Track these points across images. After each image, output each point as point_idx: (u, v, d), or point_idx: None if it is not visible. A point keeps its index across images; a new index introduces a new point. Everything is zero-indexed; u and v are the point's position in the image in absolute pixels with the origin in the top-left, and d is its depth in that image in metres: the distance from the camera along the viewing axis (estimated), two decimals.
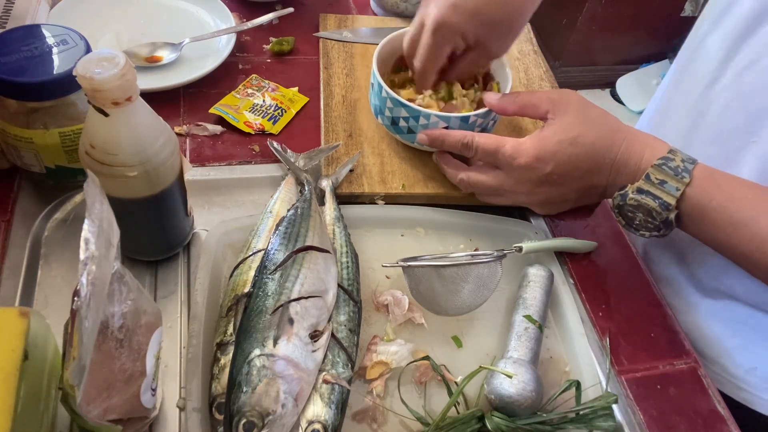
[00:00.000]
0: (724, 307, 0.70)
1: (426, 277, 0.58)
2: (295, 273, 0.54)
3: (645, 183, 0.57)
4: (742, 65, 0.66)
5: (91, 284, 0.36)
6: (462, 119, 0.66)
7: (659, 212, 0.56)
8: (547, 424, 0.53)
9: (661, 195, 0.56)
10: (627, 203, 0.58)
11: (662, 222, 0.57)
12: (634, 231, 0.60)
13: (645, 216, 0.57)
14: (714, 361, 0.71)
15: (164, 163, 0.52)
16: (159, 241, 0.60)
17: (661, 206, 0.56)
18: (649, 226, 0.58)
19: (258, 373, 0.48)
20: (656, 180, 0.56)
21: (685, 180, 0.56)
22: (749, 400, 0.70)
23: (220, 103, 0.76)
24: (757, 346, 0.70)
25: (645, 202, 0.56)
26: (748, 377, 0.70)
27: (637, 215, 0.58)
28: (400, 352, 0.57)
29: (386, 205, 0.69)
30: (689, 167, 0.56)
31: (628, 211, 0.58)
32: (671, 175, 0.56)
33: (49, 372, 0.46)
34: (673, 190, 0.56)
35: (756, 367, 0.70)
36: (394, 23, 0.92)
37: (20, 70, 0.55)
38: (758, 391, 0.70)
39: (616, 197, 0.59)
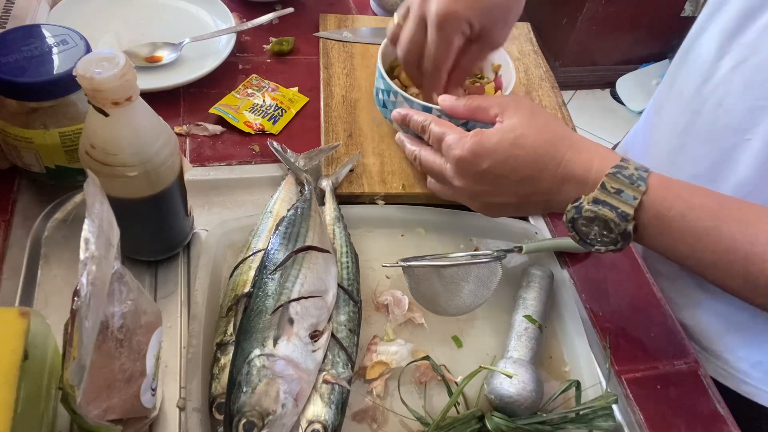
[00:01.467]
0: (726, 304, 0.70)
1: (426, 277, 0.58)
2: (295, 273, 0.54)
3: (601, 193, 0.53)
4: (733, 63, 0.66)
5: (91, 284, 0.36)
6: (462, 124, 0.65)
7: (617, 223, 0.52)
8: (547, 424, 0.53)
9: (619, 205, 0.52)
10: (582, 215, 0.54)
11: (620, 234, 0.53)
12: (588, 246, 0.56)
13: (601, 229, 0.54)
14: (717, 355, 0.71)
15: (164, 163, 0.52)
16: (159, 241, 0.60)
17: (619, 216, 0.52)
18: (605, 240, 0.54)
19: (258, 373, 0.48)
20: (612, 189, 0.52)
21: (641, 188, 0.52)
22: (753, 393, 0.71)
23: (220, 103, 0.76)
24: (762, 341, 0.70)
25: (602, 213, 0.52)
26: (753, 371, 0.70)
27: (592, 229, 0.54)
28: (400, 352, 0.57)
29: (386, 205, 0.69)
30: (644, 175, 0.53)
31: (582, 225, 0.55)
32: (627, 184, 0.52)
33: (49, 372, 0.46)
34: (631, 199, 0.52)
35: (761, 361, 0.70)
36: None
37: (20, 70, 0.55)
38: (763, 385, 0.70)
39: (569, 210, 0.55)
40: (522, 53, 0.90)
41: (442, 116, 0.65)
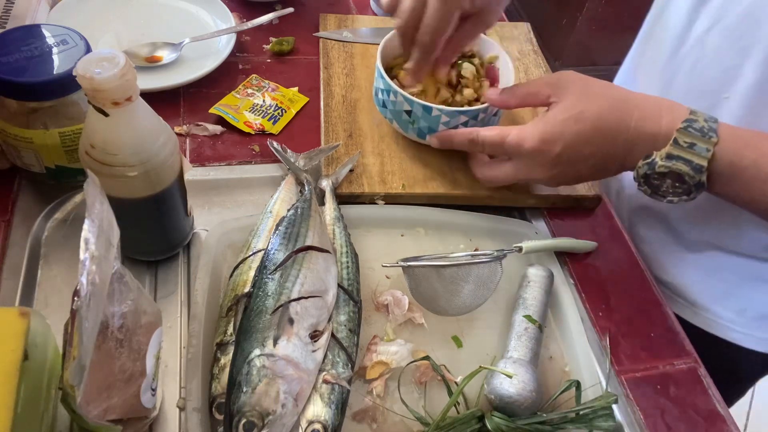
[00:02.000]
0: (709, 258, 0.73)
1: (426, 277, 0.58)
2: (295, 273, 0.54)
3: (674, 148, 0.55)
4: (704, 28, 0.67)
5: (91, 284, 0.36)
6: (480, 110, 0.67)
7: (692, 175, 0.54)
8: (547, 424, 0.53)
9: (693, 158, 0.54)
10: (656, 171, 0.55)
11: (695, 185, 0.55)
12: (660, 198, 0.58)
13: (674, 181, 0.56)
14: (705, 308, 0.75)
15: (164, 163, 0.52)
16: (159, 241, 0.60)
17: (694, 169, 0.54)
18: (678, 191, 0.56)
19: (258, 373, 0.48)
20: (685, 144, 0.54)
21: (714, 140, 0.54)
22: (740, 339, 0.75)
23: (220, 103, 0.76)
24: (744, 289, 0.73)
25: (676, 168, 0.54)
26: (739, 318, 0.74)
27: (665, 182, 0.56)
28: (400, 352, 0.57)
29: (386, 205, 0.69)
30: (714, 126, 0.55)
31: (654, 179, 0.57)
32: (698, 137, 0.54)
33: (49, 372, 0.46)
34: (704, 151, 0.54)
35: (745, 308, 0.73)
36: (394, 23, 0.91)
37: (20, 70, 0.55)
38: (749, 330, 0.74)
39: (641, 166, 0.57)
40: (522, 53, 0.90)
41: (455, 117, 0.66)
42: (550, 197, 0.72)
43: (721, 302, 0.75)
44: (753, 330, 0.74)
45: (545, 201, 0.72)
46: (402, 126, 0.71)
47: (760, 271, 0.72)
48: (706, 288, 0.75)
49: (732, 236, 0.71)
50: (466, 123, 0.67)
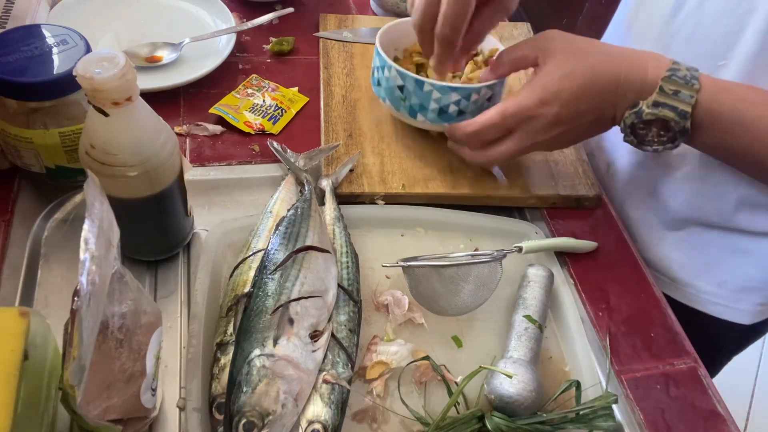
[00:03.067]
0: (690, 233, 0.75)
1: (426, 277, 0.58)
2: (295, 273, 0.54)
3: (660, 95, 0.57)
4: None
5: (91, 284, 0.36)
6: (500, 83, 0.68)
7: (677, 121, 0.57)
8: (547, 424, 0.53)
9: (678, 104, 0.56)
10: (643, 119, 0.57)
11: (679, 131, 0.57)
12: (646, 147, 0.60)
13: (659, 129, 0.58)
14: (687, 283, 0.77)
15: (164, 163, 0.52)
16: (159, 241, 0.60)
17: (679, 115, 0.56)
18: (663, 140, 0.58)
19: (258, 373, 0.48)
20: (670, 91, 0.57)
21: (696, 87, 0.56)
22: (722, 312, 0.77)
23: (220, 103, 0.76)
24: (724, 262, 0.75)
25: (663, 114, 0.57)
26: (719, 290, 0.76)
27: (650, 130, 0.58)
28: (400, 352, 0.57)
29: (386, 205, 0.69)
30: (696, 74, 0.57)
31: (640, 129, 0.58)
32: (682, 84, 0.57)
33: (49, 372, 0.46)
34: (687, 97, 0.56)
35: (726, 281, 0.75)
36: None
37: (20, 70, 0.55)
38: (730, 302, 0.76)
39: (628, 116, 0.58)
40: None
41: (447, 94, 0.66)
42: (550, 197, 0.72)
43: (702, 276, 0.77)
44: (734, 302, 0.76)
45: (545, 201, 0.72)
46: (394, 104, 0.71)
47: (740, 243, 0.74)
48: (688, 263, 0.77)
49: (715, 208, 0.72)
50: (458, 102, 0.67)
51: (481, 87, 0.66)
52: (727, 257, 0.75)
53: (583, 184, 0.73)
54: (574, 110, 0.60)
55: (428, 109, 0.68)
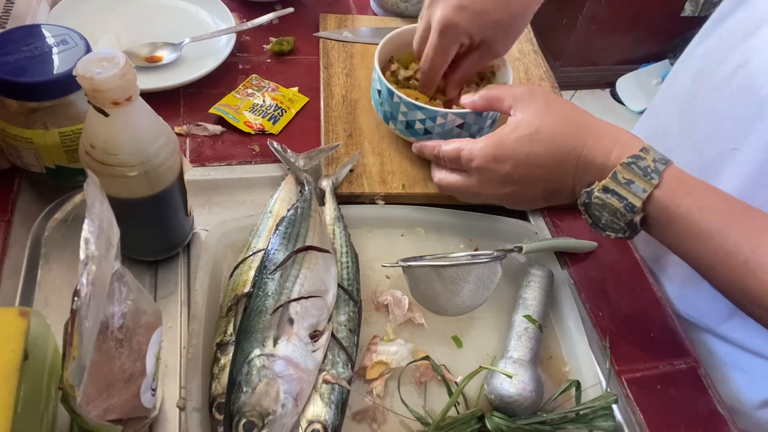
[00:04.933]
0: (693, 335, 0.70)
1: (426, 277, 0.58)
2: (295, 273, 0.54)
3: (611, 182, 0.53)
4: (733, 67, 0.65)
5: (91, 284, 0.36)
6: (476, 113, 0.66)
7: (623, 213, 0.53)
8: (547, 424, 0.53)
9: (627, 195, 0.52)
10: (593, 201, 0.54)
11: (627, 224, 0.54)
12: (600, 231, 0.56)
13: (610, 216, 0.54)
14: None
15: (164, 163, 0.52)
16: (159, 241, 0.60)
17: (626, 207, 0.52)
18: (615, 227, 0.55)
19: (258, 373, 0.48)
20: (623, 180, 0.53)
21: (654, 182, 0.52)
22: None
23: (220, 103, 0.76)
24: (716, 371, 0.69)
25: (610, 202, 0.53)
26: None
27: (603, 215, 0.55)
28: (400, 352, 0.57)
29: (386, 205, 0.69)
30: (660, 168, 0.53)
31: (594, 210, 0.55)
32: (640, 176, 0.52)
33: (49, 372, 0.46)
34: (640, 191, 0.52)
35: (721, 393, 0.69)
36: (394, 23, 0.92)
37: (20, 70, 0.54)
38: None
39: (582, 194, 0.56)
40: (522, 53, 0.90)
41: (412, 111, 0.67)
42: None
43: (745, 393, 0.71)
44: None
45: None
46: (375, 106, 0.73)
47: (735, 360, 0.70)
48: None
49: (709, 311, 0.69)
50: (423, 120, 0.67)
51: (447, 112, 0.66)
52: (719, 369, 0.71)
53: None
54: (527, 173, 0.58)
55: (397, 119, 0.69)
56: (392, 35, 0.74)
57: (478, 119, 0.68)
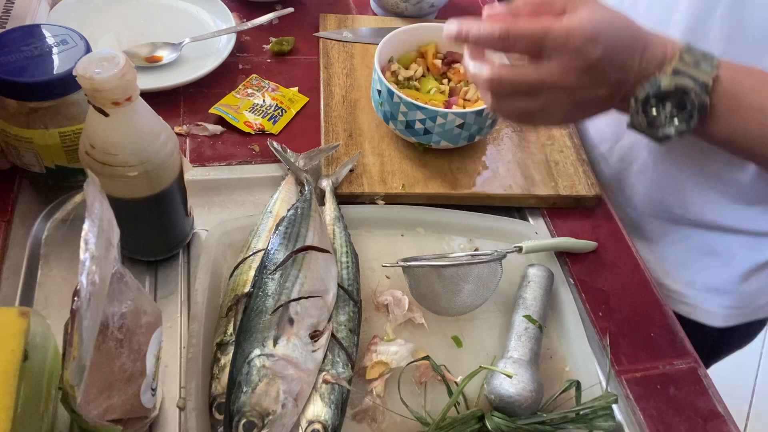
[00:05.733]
0: (655, 231, 0.75)
1: (426, 277, 0.58)
2: (295, 273, 0.54)
3: (680, 64, 0.52)
4: None
5: (91, 284, 0.36)
6: (476, 113, 0.67)
7: (698, 93, 0.52)
8: (547, 424, 0.53)
9: (698, 75, 0.51)
10: (661, 90, 0.52)
11: (698, 107, 0.52)
12: (655, 131, 0.54)
13: (674, 106, 0.53)
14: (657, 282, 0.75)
15: (164, 163, 0.52)
16: (159, 241, 0.60)
17: (700, 86, 0.51)
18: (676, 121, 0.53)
19: (258, 373, 0.48)
20: (691, 60, 0.52)
21: (716, 62, 0.52)
22: (690, 312, 0.76)
23: (220, 103, 0.76)
24: (692, 262, 0.75)
25: (682, 84, 0.51)
26: (688, 290, 0.76)
27: (665, 108, 0.53)
28: (400, 352, 0.57)
29: (386, 205, 0.69)
30: (713, 53, 0.53)
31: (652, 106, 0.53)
32: (701, 56, 0.52)
33: (49, 372, 0.46)
34: (708, 68, 0.52)
35: (693, 281, 0.75)
36: (394, 23, 0.92)
37: (20, 70, 0.55)
38: (699, 303, 0.76)
39: (643, 87, 0.52)
40: None
41: (412, 110, 0.66)
42: (550, 197, 0.72)
43: (671, 275, 0.77)
44: (702, 303, 0.76)
45: (545, 201, 0.72)
46: (374, 106, 0.73)
47: (708, 242, 0.74)
48: (657, 262, 0.77)
49: (676, 201, 0.72)
50: (423, 121, 0.67)
51: (447, 112, 0.66)
52: (696, 257, 0.75)
53: (583, 184, 0.73)
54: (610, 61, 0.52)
55: (397, 119, 0.69)
56: (392, 35, 0.74)
57: (478, 119, 0.68)
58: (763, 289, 0.76)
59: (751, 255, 0.74)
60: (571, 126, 0.79)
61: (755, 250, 0.74)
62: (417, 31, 0.76)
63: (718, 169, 0.69)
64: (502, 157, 0.75)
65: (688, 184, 0.71)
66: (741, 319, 0.77)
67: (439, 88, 0.74)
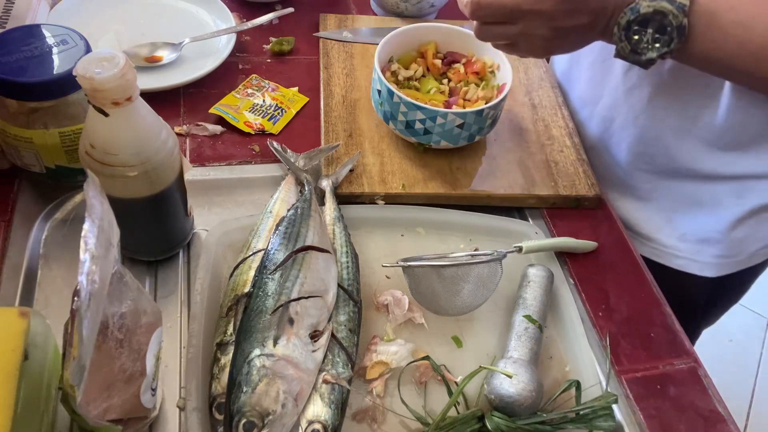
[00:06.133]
0: (644, 185, 0.76)
1: (426, 277, 0.58)
2: (295, 273, 0.54)
3: None
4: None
5: (91, 284, 0.36)
6: (476, 113, 0.67)
7: (675, 14, 0.54)
8: (547, 424, 0.53)
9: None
10: (640, 13, 0.55)
11: (676, 28, 0.54)
12: (639, 56, 0.57)
13: (654, 31, 0.55)
14: (650, 237, 0.77)
15: (164, 163, 0.52)
16: (159, 241, 0.60)
17: (678, 8, 0.54)
18: (657, 44, 0.56)
19: (258, 373, 0.48)
20: None
21: None
22: (684, 265, 0.77)
23: (220, 103, 0.76)
24: (682, 215, 0.76)
25: (661, 6, 0.54)
26: (680, 243, 0.77)
27: (646, 32, 0.56)
28: (400, 352, 0.57)
29: (386, 205, 0.69)
30: None
31: (634, 32, 0.56)
32: None
33: (49, 372, 0.46)
34: None
35: (685, 233, 0.76)
36: (394, 23, 0.92)
37: (20, 70, 0.55)
38: (691, 255, 0.77)
39: (625, 14, 0.55)
40: None
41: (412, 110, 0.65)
42: (550, 197, 0.72)
43: (663, 230, 0.77)
44: (694, 255, 0.76)
45: (545, 201, 0.72)
46: (375, 106, 0.73)
47: (695, 194, 0.74)
48: (649, 217, 0.78)
49: (658, 150, 0.73)
50: (423, 121, 0.67)
51: (447, 112, 0.66)
52: (685, 209, 0.75)
53: (583, 184, 0.73)
54: None
55: (397, 119, 0.69)
56: (392, 35, 0.74)
57: (478, 119, 0.68)
58: (752, 235, 0.76)
59: (736, 202, 0.74)
60: (571, 126, 0.79)
61: (740, 197, 0.74)
62: (417, 31, 0.76)
63: (694, 114, 0.69)
64: (502, 157, 0.75)
65: (668, 134, 0.71)
66: (733, 267, 0.78)
67: (439, 88, 0.74)
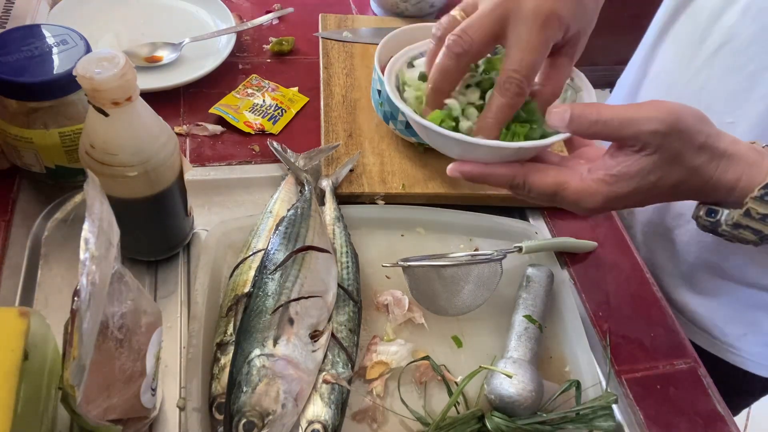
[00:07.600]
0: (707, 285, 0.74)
1: (426, 277, 0.58)
2: (295, 273, 0.54)
3: (744, 218, 0.47)
4: (714, 47, 0.66)
5: (91, 284, 0.36)
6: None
7: (757, 242, 0.48)
8: (547, 424, 0.53)
9: (763, 228, 0.47)
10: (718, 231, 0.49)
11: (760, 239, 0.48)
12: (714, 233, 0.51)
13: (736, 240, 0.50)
14: (709, 332, 0.76)
15: (164, 163, 0.52)
16: (159, 241, 0.60)
17: (762, 239, 0.48)
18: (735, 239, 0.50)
19: (258, 373, 0.48)
20: (758, 216, 0.47)
21: None
22: (740, 362, 0.76)
23: (220, 103, 0.76)
24: (744, 316, 0.74)
25: (741, 236, 0.48)
26: (739, 343, 0.75)
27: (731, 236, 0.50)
28: (400, 352, 0.57)
29: (386, 205, 0.69)
30: None
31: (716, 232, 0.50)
32: None
33: (49, 372, 0.46)
34: None
35: (746, 334, 0.74)
36: (394, 23, 0.92)
37: (20, 70, 0.55)
38: (749, 355, 0.75)
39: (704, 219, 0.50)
40: None
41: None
42: None
43: (723, 328, 0.75)
44: (752, 355, 0.75)
45: None
46: (374, 106, 0.73)
47: (758, 298, 0.72)
48: (708, 314, 0.75)
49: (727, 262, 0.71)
50: None
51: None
52: (747, 311, 0.73)
53: None
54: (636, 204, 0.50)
55: (397, 119, 0.69)
56: (392, 35, 0.74)
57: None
58: None
59: None
60: None
61: None
62: (417, 31, 0.76)
63: None
64: None
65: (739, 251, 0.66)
66: None
67: None
